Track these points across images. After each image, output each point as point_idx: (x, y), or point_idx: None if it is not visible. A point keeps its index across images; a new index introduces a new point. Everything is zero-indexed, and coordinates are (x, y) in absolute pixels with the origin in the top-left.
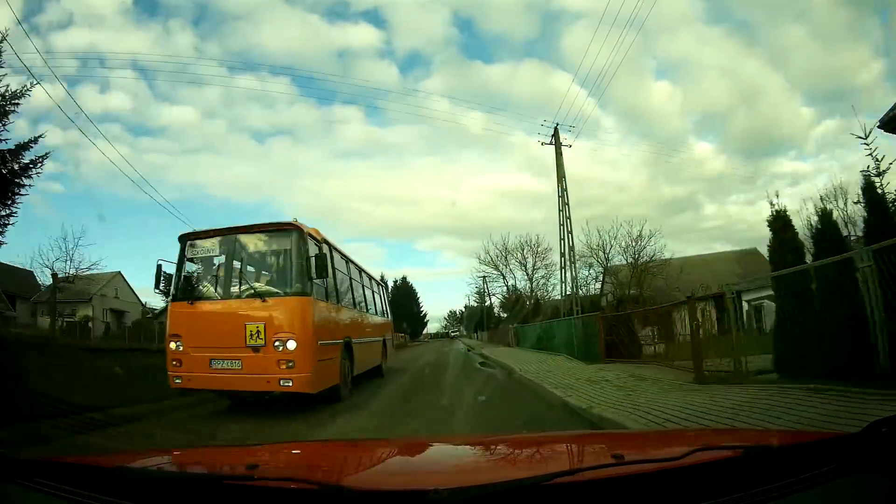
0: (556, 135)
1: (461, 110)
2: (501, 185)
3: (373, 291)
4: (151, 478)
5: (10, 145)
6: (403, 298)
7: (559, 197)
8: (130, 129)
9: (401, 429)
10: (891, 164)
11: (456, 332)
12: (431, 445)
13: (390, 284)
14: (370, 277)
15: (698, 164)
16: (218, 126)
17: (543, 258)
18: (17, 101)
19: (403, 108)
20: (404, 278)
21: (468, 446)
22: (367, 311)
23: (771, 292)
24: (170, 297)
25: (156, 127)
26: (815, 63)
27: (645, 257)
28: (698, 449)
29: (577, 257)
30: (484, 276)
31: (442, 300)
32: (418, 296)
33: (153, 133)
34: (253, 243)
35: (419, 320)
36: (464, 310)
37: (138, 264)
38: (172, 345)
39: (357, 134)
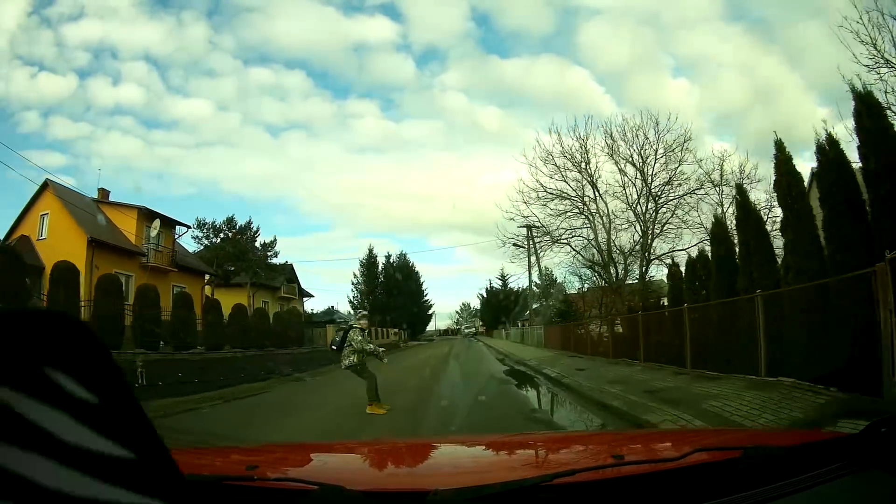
0: None
1: (477, 105)
2: (517, 181)
3: None
4: None
5: None
6: (400, 284)
7: None
8: (143, 121)
9: None
10: None
11: (471, 328)
12: (432, 446)
13: (381, 260)
14: None
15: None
16: (232, 120)
17: (680, 153)
18: None
19: (419, 102)
20: (403, 254)
21: (468, 447)
22: None
23: None
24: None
25: (168, 120)
26: (832, 62)
27: None
28: (698, 449)
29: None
30: (528, 227)
31: (455, 296)
32: (423, 283)
33: (166, 126)
34: None
35: (422, 312)
36: (484, 295)
37: None
38: None
39: (372, 129)
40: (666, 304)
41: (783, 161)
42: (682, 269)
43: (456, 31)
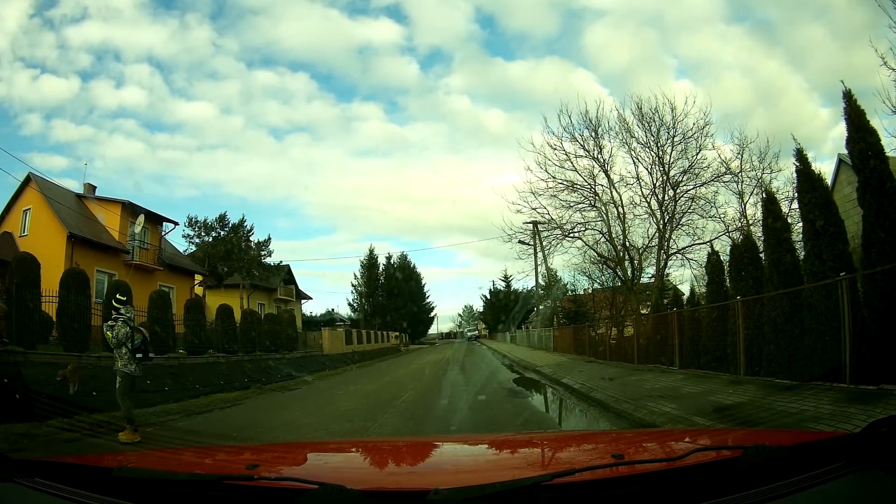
0: None
1: (481, 108)
2: (520, 184)
3: None
4: (151, 478)
5: None
6: (401, 285)
7: None
8: (146, 124)
9: None
10: None
11: (473, 330)
12: (432, 445)
13: (381, 261)
14: None
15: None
16: (235, 123)
17: (700, 138)
18: None
19: (423, 105)
20: (404, 255)
21: (468, 446)
22: None
23: None
24: None
25: (172, 123)
26: (834, 63)
27: None
28: (698, 449)
29: None
30: (534, 223)
31: (457, 300)
32: (424, 285)
33: (169, 129)
34: None
35: (425, 315)
36: (487, 296)
37: None
38: None
39: (376, 131)
40: (699, 300)
41: (855, 115)
42: (699, 269)
43: (461, 33)
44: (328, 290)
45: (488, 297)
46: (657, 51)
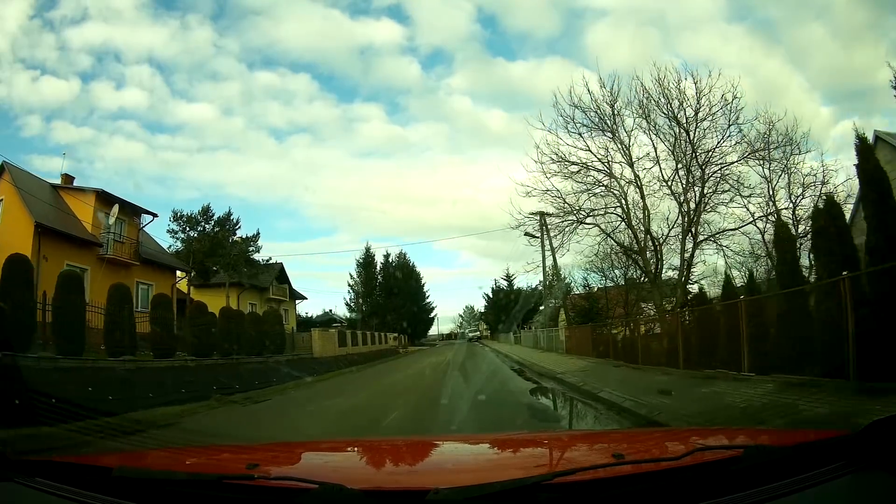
0: None
1: (483, 108)
2: (522, 184)
3: None
4: (151, 478)
5: None
6: (400, 284)
7: None
8: (147, 125)
9: None
10: None
11: (475, 331)
12: (431, 445)
13: (379, 260)
14: None
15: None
16: (236, 124)
17: (729, 112)
18: None
19: (424, 105)
20: (402, 254)
21: (468, 446)
22: None
23: None
24: None
25: (172, 124)
26: (835, 62)
27: None
28: (698, 449)
29: None
30: (542, 214)
31: (459, 301)
32: (424, 284)
33: (170, 130)
34: None
35: (425, 315)
36: (489, 295)
37: None
38: None
39: (377, 132)
40: (762, 287)
41: None
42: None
43: (462, 33)
44: (327, 290)
45: (490, 297)
46: (658, 50)
